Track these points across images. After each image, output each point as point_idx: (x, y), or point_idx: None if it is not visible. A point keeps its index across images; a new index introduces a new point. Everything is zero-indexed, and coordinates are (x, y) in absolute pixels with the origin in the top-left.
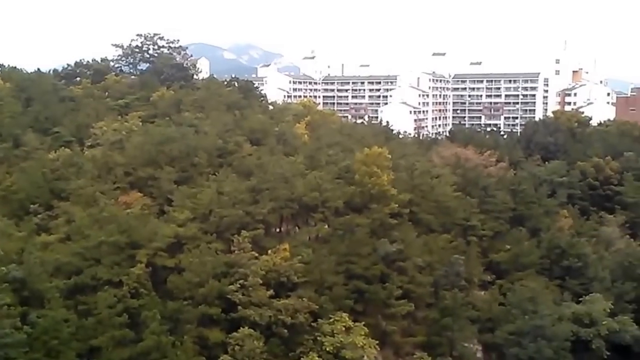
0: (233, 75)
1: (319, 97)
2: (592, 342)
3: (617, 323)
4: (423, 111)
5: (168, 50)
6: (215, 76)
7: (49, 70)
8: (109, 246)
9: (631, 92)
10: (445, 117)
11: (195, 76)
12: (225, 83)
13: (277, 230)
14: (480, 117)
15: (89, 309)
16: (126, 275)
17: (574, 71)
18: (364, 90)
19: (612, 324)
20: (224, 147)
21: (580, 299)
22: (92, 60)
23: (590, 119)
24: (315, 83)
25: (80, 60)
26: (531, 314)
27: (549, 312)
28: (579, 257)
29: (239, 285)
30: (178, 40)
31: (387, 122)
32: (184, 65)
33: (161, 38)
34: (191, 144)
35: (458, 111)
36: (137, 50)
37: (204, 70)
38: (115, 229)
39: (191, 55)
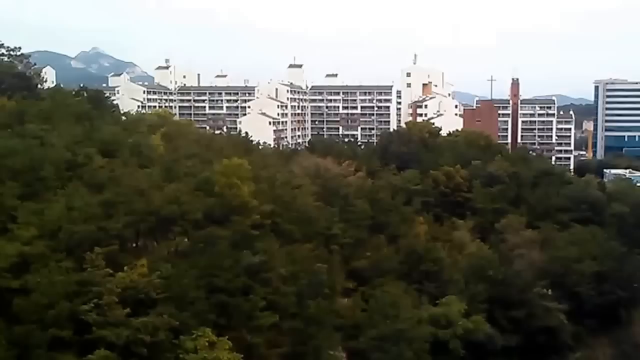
0: (82, 85)
1: (175, 107)
2: (450, 342)
3: (471, 323)
4: (282, 122)
5: (8, 58)
6: (62, 86)
7: None
8: None
9: (476, 104)
10: (304, 128)
11: (39, 86)
12: (74, 93)
13: (134, 245)
14: (338, 127)
15: None
16: None
17: (424, 84)
18: (222, 101)
19: (467, 324)
20: (73, 159)
21: (437, 302)
22: None
23: (440, 129)
24: (171, 93)
25: None
26: (392, 319)
27: (409, 316)
28: (435, 262)
29: (92, 305)
30: (20, 48)
31: (247, 133)
32: (27, 74)
33: (0, 45)
34: (37, 157)
35: (316, 122)
36: None
37: (49, 79)
38: None
39: (35, 64)
